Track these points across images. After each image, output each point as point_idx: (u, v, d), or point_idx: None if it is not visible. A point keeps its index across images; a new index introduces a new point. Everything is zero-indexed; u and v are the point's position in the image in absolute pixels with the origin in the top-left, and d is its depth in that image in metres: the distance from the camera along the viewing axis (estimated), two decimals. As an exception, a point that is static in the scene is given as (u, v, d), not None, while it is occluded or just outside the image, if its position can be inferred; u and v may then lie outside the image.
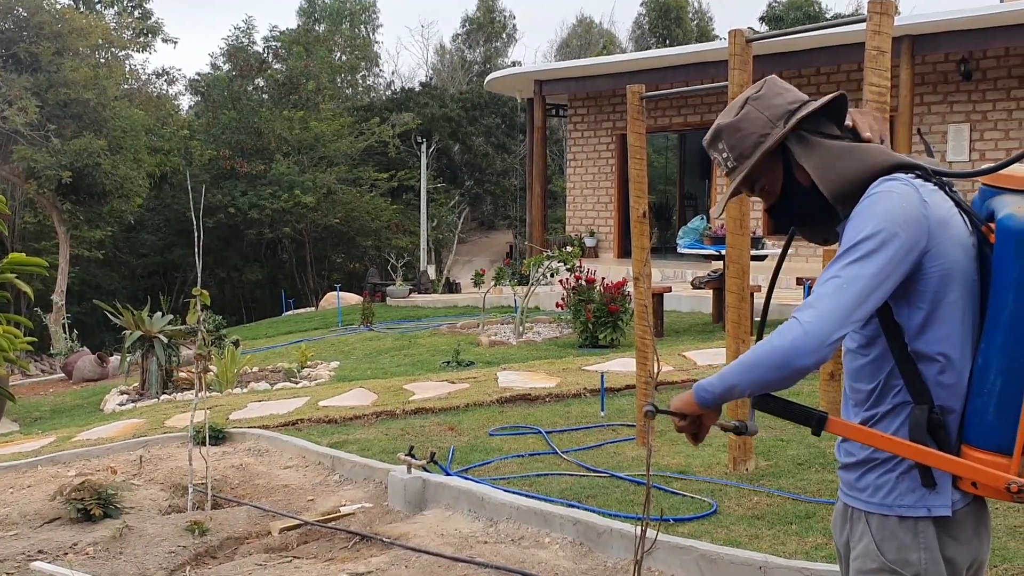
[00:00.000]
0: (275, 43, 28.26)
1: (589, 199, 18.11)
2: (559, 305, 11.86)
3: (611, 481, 5.26)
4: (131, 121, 20.94)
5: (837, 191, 1.93)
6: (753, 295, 5.69)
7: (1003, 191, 1.88)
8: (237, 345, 11.37)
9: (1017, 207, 1.82)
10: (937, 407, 1.87)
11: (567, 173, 19.31)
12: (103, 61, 22.26)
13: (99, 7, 25.32)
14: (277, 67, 27.39)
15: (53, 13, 20.57)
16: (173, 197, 24.29)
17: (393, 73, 47.20)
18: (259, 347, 13.57)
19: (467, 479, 5.37)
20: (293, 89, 26.42)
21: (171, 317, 10.75)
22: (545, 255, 12.32)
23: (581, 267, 11.51)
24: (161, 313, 10.63)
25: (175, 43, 26.71)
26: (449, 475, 5.47)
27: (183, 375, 10.57)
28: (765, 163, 2.01)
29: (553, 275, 11.96)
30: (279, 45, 28.05)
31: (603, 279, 10.98)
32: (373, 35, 35.15)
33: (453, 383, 8.37)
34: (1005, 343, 1.81)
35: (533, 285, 12.20)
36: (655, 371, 4.50)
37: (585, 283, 10.85)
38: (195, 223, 5.70)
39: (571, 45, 36.43)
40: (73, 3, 24.14)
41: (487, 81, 19.02)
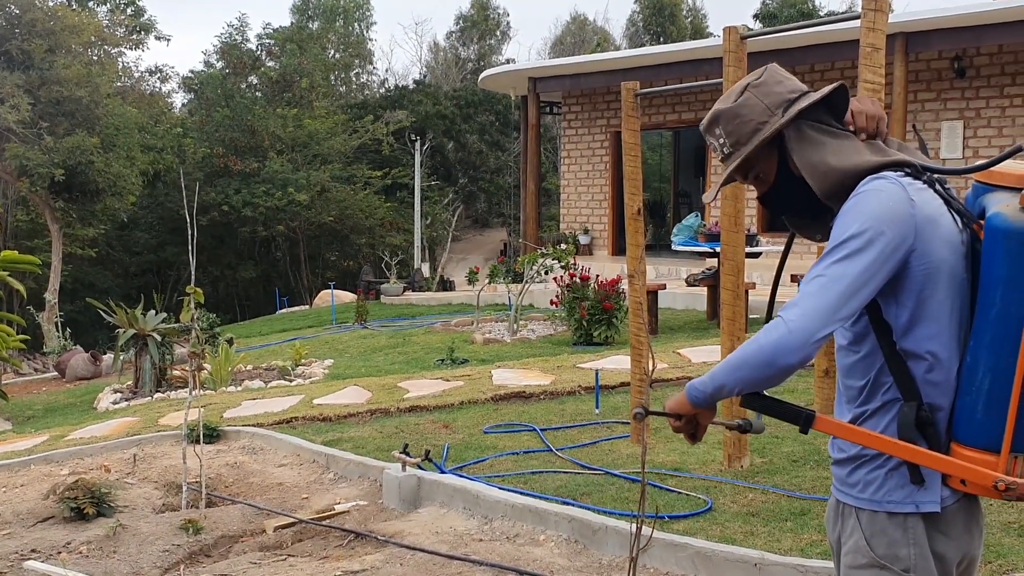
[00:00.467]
0: (269, 40, 28.19)
1: (583, 196, 18.10)
2: (553, 303, 11.85)
3: (606, 478, 5.26)
4: (124, 119, 20.87)
5: (826, 188, 1.93)
6: (748, 292, 5.69)
7: (995, 188, 1.88)
8: (231, 343, 11.36)
9: (1006, 204, 1.81)
10: (926, 404, 1.87)
11: (561, 170, 19.30)
12: (96, 58, 22.21)
13: (91, 4, 25.22)
14: (271, 65, 27.32)
15: (45, 10, 20.51)
16: (166, 195, 24.21)
17: (387, 71, 47.03)
18: (253, 345, 13.55)
19: (462, 477, 5.37)
20: (287, 87, 26.36)
21: (165, 315, 10.73)
22: (539, 253, 12.31)
23: (575, 264, 11.51)
24: (155, 311, 10.61)
25: (168, 40, 26.87)
26: (444, 473, 5.47)
27: (177, 373, 10.55)
28: (761, 151, 2.01)
29: (547, 273, 11.96)
30: (273, 43, 27.98)
31: (597, 276, 10.98)
32: (367, 33, 35.11)
33: (447, 381, 8.37)
34: (993, 341, 1.81)
35: (527, 283, 12.20)
36: (650, 368, 4.50)
37: (579, 281, 10.84)
38: (188, 221, 5.70)
39: (565, 42, 36.40)
40: (66, 0, 24.05)
41: (481, 79, 19.01)
